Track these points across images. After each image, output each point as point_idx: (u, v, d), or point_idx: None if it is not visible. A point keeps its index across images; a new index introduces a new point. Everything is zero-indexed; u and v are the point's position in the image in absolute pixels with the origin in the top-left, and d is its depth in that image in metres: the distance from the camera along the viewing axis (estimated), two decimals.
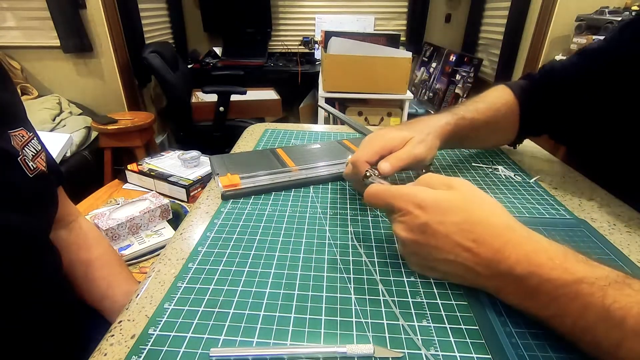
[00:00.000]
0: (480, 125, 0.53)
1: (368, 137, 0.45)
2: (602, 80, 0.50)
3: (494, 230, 0.30)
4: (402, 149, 0.43)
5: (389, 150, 0.43)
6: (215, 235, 0.41)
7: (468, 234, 0.30)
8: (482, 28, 2.50)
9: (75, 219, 0.56)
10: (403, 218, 0.33)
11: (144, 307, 0.32)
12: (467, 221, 0.30)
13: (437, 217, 0.31)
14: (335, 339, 0.29)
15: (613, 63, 0.49)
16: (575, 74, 0.53)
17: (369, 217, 0.45)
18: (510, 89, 0.58)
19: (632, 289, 0.24)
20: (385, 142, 0.43)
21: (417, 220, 0.31)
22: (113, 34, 1.95)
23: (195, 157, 1.26)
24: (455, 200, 0.31)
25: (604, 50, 0.52)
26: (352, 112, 1.83)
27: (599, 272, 0.26)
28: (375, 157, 0.42)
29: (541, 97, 0.56)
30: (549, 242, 0.29)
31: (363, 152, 0.42)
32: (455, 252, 0.30)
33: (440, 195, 0.32)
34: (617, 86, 0.49)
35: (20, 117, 0.46)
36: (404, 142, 0.43)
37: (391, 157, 0.42)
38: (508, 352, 0.27)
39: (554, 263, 0.27)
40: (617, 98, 0.50)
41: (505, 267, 0.28)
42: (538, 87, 0.57)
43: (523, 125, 0.58)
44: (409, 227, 0.32)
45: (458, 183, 0.33)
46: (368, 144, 0.43)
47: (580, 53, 0.55)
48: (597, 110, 0.52)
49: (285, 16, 2.75)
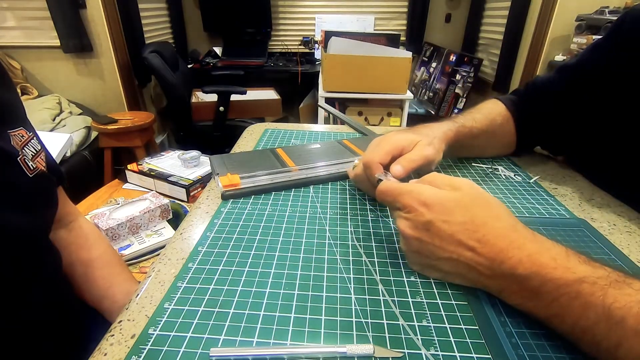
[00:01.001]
0: (479, 134, 0.54)
1: (376, 139, 0.45)
2: (580, 94, 0.53)
3: (498, 231, 0.30)
4: (412, 151, 0.43)
5: (400, 152, 0.43)
6: (215, 235, 0.41)
7: (472, 234, 0.30)
8: (482, 28, 2.50)
9: (75, 219, 0.56)
10: (408, 215, 0.33)
11: (144, 307, 0.32)
12: (472, 221, 0.30)
13: (442, 216, 0.31)
14: (335, 339, 0.29)
15: (587, 80, 0.52)
16: (555, 89, 0.56)
17: (369, 217, 0.45)
18: (502, 102, 0.60)
19: (633, 288, 0.25)
20: (395, 142, 0.43)
21: (422, 217, 0.32)
22: (113, 34, 1.95)
23: (195, 157, 1.26)
24: (461, 200, 0.32)
25: (578, 67, 0.54)
26: (352, 112, 1.83)
27: (600, 272, 0.26)
28: (388, 158, 0.42)
29: (528, 110, 0.58)
30: (552, 243, 0.29)
31: (375, 153, 0.42)
32: (458, 251, 0.30)
33: (446, 194, 0.32)
34: (594, 100, 0.52)
35: (20, 116, 0.46)
36: (413, 144, 0.44)
37: (402, 159, 0.42)
38: (508, 352, 0.27)
39: (556, 263, 0.27)
40: (595, 111, 0.52)
41: (508, 267, 0.28)
42: (525, 101, 0.59)
43: (520, 137, 0.60)
44: (414, 224, 0.32)
45: (463, 184, 0.33)
46: (378, 146, 0.43)
47: (559, 69, 0.57)
48: (580, 122, 0.55)
49: (285, 16, 2.74)
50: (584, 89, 0.53)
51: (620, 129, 0.50)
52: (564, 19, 1.77)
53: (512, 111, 0.58)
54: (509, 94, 0.63)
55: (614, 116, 0.51)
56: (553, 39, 1.84)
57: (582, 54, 0.55)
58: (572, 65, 0.55)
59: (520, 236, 0.29)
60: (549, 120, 0.57)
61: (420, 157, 0.42)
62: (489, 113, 0.57)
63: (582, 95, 0.53)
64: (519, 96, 0.61)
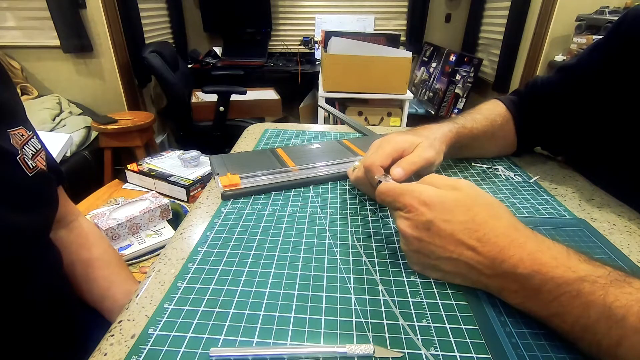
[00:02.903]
0: (479, 135, 0.54)
1: (376, 141, 0.45)
2: (580, 95, 0.53)
3: (499, 230, 0.30)
4: (413, 153, 0.43)
5: (400, 154, 0.43)
6: (215, 235, 0.41)
7: (473, 233, 0.30)
8: (482, 28, 2.50)
9: (75, 219, 0.56)
10: (408, 215, 0.33)
11: (144, 307, 0.32)
12: (472, 220, 0.30)
13: (443, 216, 0.31)
14: (335, 339, 0.29)
15: (587, 80, 0.52)
16: (555, 89, 0.56)
17: (369, 217, 0.45)
18: (502, 102, 0.60)
19: (633, 287, 0.25)
20: (396, 145, 0.43)
21: (423, 217, 0.32)
22: (113, 34, 1.95)
23: (195, 157, 1.26)
24: (461, 200, 0.32)
25: (578, 67, 0.54)
26: (352, 112, 1.83)
27: (600, 270, 0.26)
28: (389, 161, 0.42)
29: (528, 111, 0.58)
30: (552, 242, 0.29)
31: (376, 156, 0.42)
32: (458, 250, 0.30)
33: (447, 194, 0.32)
34: (595, 100, 0.52)
35: (20, 116, 0.46)
36: (414, 146, 0.43)
37: (403, 161, 0.41)
38: (508, 352, 0.27)
39: (557, 262, 0.27)
40: (595, 111, 0.52)
41: (509, 265, 0.28)
42: (525, 102, 0.59)
43: (520, 137, 0.60)
44: (414, 224, 0.32)
45: (463, 184, 0.33)
46: (379, 148, 0.43)
47: (559, 69, 0.58)
48: (581, 122, 0.55)
49: (285, 16, 2.74)
50: (585, 89, 0.53)
51: (620, 128, 0.50)
52: (564, 19, 1.77)
53: (513, 112, 0.59)
54: (509, 94, 0.63)
55: (614, 116, 0.51)
56: (553, 39, 1.84)
57: (582, 54, 0.55)
58: (572, 66, 0.55)
59: (521, 235, 0.29)
60: (550, 121, 0.57)
61: (421, 159, 0.42)
62: (489, 114, 0.57)
63: (582, 95, 0.53)
64: (520, 96, 0.61)
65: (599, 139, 0.54)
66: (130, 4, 1.99)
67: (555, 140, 0.60)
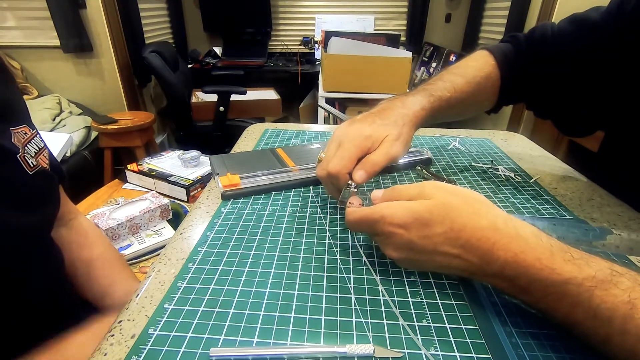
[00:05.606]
0: (456, 103, 0.50)
1: (337, 135, 0.42)
2: (601, 55, 0.47)
3: (480, 233, 0.29)
4: (377, 151, 0.40)
5: (365, 153, 0.41)
6: (215, 235, 0.41)
7: (454, 241, 0.30)
8: (482, 28, 2.50)
9: (74, 217, 0.56)
10: (389, 240, 0.32)
11: (144, 307, 0.32)
12: (451, 229, 0.30)
13: (421, 232, 0.30)
14: (335, 339, 0.29)
15: (614, 38, 0.46)
16: (570, 45, 0.50)
17: None
18: (492, 55, 0.54)
19: (619, 288, 0.24)
20: (360, 144, 0.40)
21: (402, 239, 0.31)
22: (113, 34, 1.95)
23: (195, 157, 1.26)
24: (434, 209, 0.30)
25: (602, 24, 0.48)
26: (352, 112, 1.83)
27: (586, 272, 0.26)
28: (353, 164, 0.40)
29: (527, 66, 0.53)
30: (536, 238, 0.28)
31: (339, 161, 0.39)
32: (446, 260, 0.30)
33: (418, 208, 0.31)
34: (620, 63, 0.46)
35: (23, 114, 0.46)
36: (379, 141, 0.41)
37: (366, 163, 0.40)
38: (508, 352, 0.27)
39: (541, 264, 0.27)
40: (606, 75, 0.47)
41: (496, 268, 0.28)
42: (524, 56, 0.53)
43: (502, 95, 0.55)
44: (397, 247, 0.32)
45: (428, 189, 0.32)
46: (341, 148, 0.40)
47: (572, 21, 0.51)
48: (588, 86, 0.49)
49: (285, 16, 2.74)
50: (605, 49, 0.46)
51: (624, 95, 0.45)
52: None
53: (503, 69, 0.53)
54: (505, 39, 0.57)
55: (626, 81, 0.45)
56: None
57: (602, 11, 0.48)
58: (591, 21, 0.48)
59: (503, 236, 0.28)
60: (551, 79, 0.51)
61: (385, 158, 0.40)
62: (473, 77, 0.52)
63: (603, 57, 0.47)
64: (518, 48, 0.54)
65: (602, 104, 0.48)
66: (130, 4, 1.99)
67: (547, 102, 0.54)
